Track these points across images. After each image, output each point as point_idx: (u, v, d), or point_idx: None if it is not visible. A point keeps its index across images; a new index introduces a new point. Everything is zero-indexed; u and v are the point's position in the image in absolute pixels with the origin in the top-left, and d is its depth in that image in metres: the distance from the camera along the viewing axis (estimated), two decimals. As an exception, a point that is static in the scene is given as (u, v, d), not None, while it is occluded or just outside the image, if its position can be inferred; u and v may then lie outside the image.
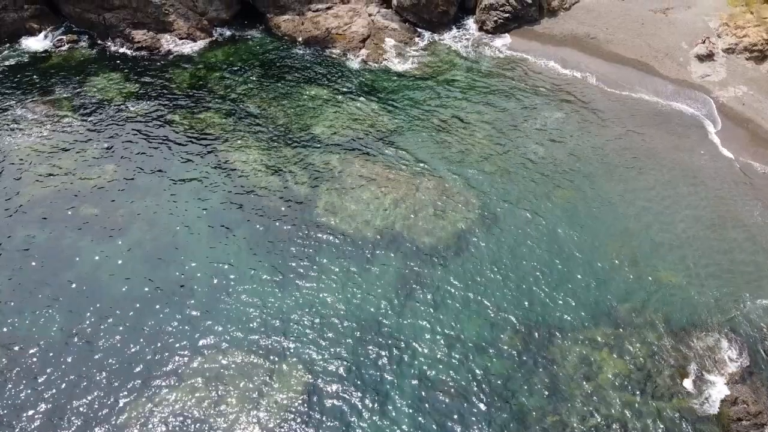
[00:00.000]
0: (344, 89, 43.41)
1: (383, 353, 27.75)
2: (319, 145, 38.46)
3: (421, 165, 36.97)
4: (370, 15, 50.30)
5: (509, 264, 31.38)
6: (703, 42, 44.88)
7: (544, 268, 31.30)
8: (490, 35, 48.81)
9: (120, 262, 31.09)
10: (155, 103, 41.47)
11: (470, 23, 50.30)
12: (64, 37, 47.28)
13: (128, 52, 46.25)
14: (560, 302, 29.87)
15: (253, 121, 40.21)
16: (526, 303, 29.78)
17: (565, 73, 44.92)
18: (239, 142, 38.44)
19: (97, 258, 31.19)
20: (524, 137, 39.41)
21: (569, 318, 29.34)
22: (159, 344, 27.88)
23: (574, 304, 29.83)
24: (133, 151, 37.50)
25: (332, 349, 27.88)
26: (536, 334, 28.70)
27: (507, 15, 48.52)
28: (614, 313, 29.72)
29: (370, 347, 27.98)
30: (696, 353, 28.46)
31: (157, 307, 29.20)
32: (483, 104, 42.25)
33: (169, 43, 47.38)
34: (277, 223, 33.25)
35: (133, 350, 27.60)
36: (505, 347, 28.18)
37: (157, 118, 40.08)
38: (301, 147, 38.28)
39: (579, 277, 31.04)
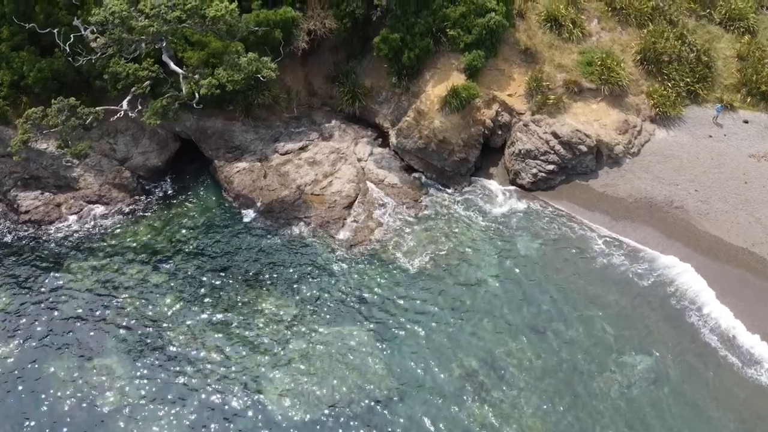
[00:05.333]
0: (317, 303, 29.10)
1: None
2: (271, 433, 24.25)
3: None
4: (359, 160, 36.03)
5: None
6: None
7: None
8: (527, 194, 34.49)
9: None
10: (32, 336, 27.30)
11: (498, 173, 35.84)
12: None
13: (9, 232, 31.99)
14: None
15: (170, 376, 26.05)
16: None
17: (647, 280, 29.85)
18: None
19: None
20: (601, 413, 24.90)
21: None
22: None
23: None
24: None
25: None
26: None
27: (552, 167, 34.19)
28: None
29: None
30: None
31: None
32: (527, 333, 27.87)
33: (71, 211, 33.17)
34: None
35: None
36: None
37: (27, 374, 25.92)
38: (243, 438, 24.08)
39: None
